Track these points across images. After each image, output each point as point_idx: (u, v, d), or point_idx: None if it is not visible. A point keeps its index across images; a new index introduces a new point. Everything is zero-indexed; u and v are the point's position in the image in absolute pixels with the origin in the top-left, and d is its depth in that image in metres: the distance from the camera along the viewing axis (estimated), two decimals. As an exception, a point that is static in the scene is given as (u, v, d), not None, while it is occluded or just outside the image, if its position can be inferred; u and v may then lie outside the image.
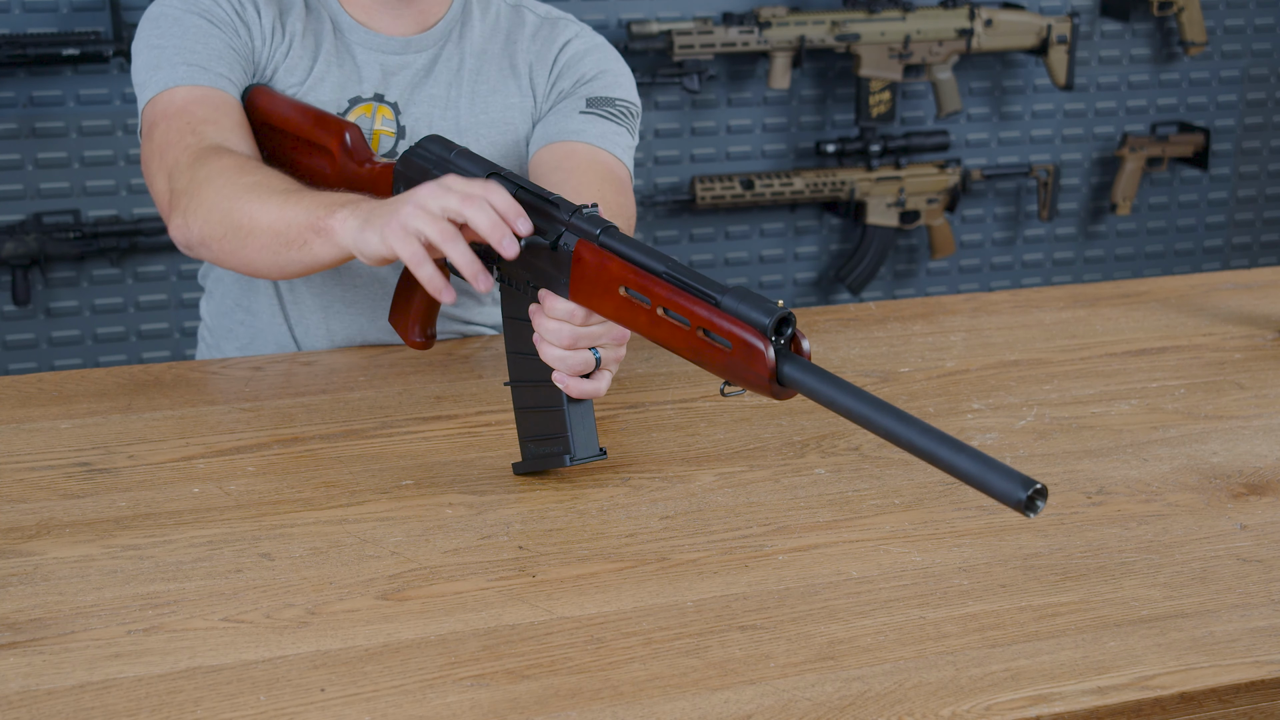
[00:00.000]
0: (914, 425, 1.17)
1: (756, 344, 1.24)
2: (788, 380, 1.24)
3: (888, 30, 3.37)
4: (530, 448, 1.45)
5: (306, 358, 1.77)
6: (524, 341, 1.43)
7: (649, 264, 1.31)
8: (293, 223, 1.47)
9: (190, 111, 1.65)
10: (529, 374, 1.43)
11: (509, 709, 1.09)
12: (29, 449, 1.51)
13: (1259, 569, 1.30)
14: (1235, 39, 3.74)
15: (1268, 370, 1.76)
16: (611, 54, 1.84)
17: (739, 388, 1.28)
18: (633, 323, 1.33)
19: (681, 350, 1.30)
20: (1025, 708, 1.10)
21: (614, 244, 1.34)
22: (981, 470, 1.13)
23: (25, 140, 3.03)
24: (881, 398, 1.19)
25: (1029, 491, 1.10)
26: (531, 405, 1.44)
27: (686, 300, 1.28)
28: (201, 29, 1.70)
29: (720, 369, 1.27)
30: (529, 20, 1.84)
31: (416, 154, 1.51)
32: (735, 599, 1.24)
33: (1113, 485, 1.46)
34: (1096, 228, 3.80)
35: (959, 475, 1.14)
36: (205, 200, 1.55)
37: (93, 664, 1.14)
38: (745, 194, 3.38)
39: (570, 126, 1.76)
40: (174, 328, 3.20)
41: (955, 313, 1.95)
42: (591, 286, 1.35)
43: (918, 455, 1.16)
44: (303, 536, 1.34)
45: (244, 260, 1.54)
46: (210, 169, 1.57)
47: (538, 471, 1.46)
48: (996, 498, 1.12)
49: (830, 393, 1.21)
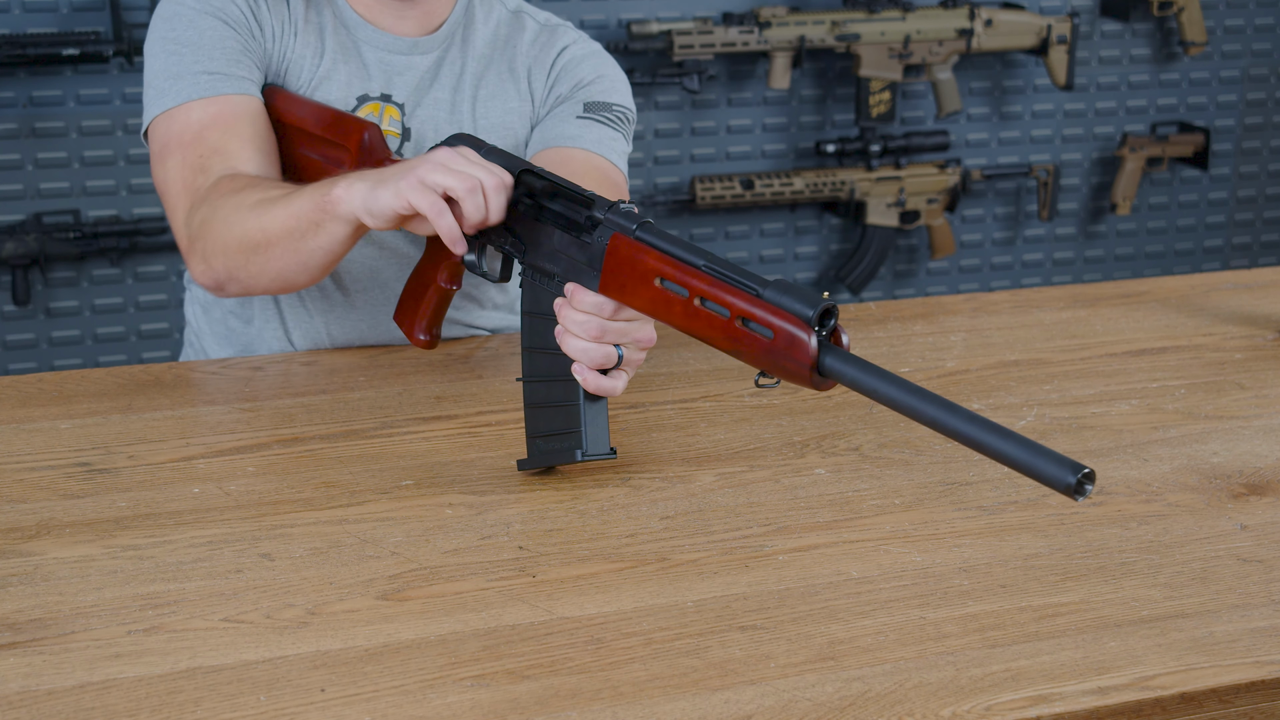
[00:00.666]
0: (959, 413, 1.17)
1: (799, 334, 1.25)
2: (829, 371, 1.25)
3: (888, 30, 3.37)
4: (538, 444, 1.45)
5: (306, 358, 1.77)
6: (541, 337, 1.43)
7: (688, 257, 1.33)
8: (300, 214, 1.50)
9: (203, 140, 1.66)
10: (545, 370, 1.43)
11: (509, 709, 1.09)
12: (29, 449, 1.51)
13: (1259, 569, 1.30)
14: (1235, 39, 3.74)
15: (1268, 370, 1.76)
16: (608, 60, 1.86)
17: (774, 379, 1.29)
18: (667, 314, 1.34)
19: (717, 340, 1.31)
20: (1025, 708, 1.10)
21: (652, 238, 1.35)
22: (1030, 456, 1.14)
23: (25, 140, 3.03)
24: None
25: (1078, 476, 1.11)
26: (543, 402, 1.44)
27: (726, 291, 1.29)
28: (217, 31, 1.70)
29: (758, 358, 1.28)
30: (529, 26, 1.85)
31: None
32: (735, 599, 1.24)
33: (1113, 485, 1.46)
34: (1096, 228, 3.80)
35: (1007, 461, 1.15)
36: (217, 236, 1.58)
37: (93, 664, 1.14)
38: (745, 194, 3.38)
39: (568, 131, 1.77)
40: (174, 328, 3.20)
41: (955, 313, 1.95)
42: (625, 279, 1.36)
43: (964, 443, 1.17)
44: (303, 536, 1.34)
45: (273, 275, 1.57)
46: (214, 207, 1.60)
47: (541, 469, 1.46)
48: (1046, 483, 1.13)
49: (873, 383, 1.22)
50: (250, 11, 1.72)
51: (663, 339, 1.76)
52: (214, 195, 1.61)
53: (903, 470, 1.48)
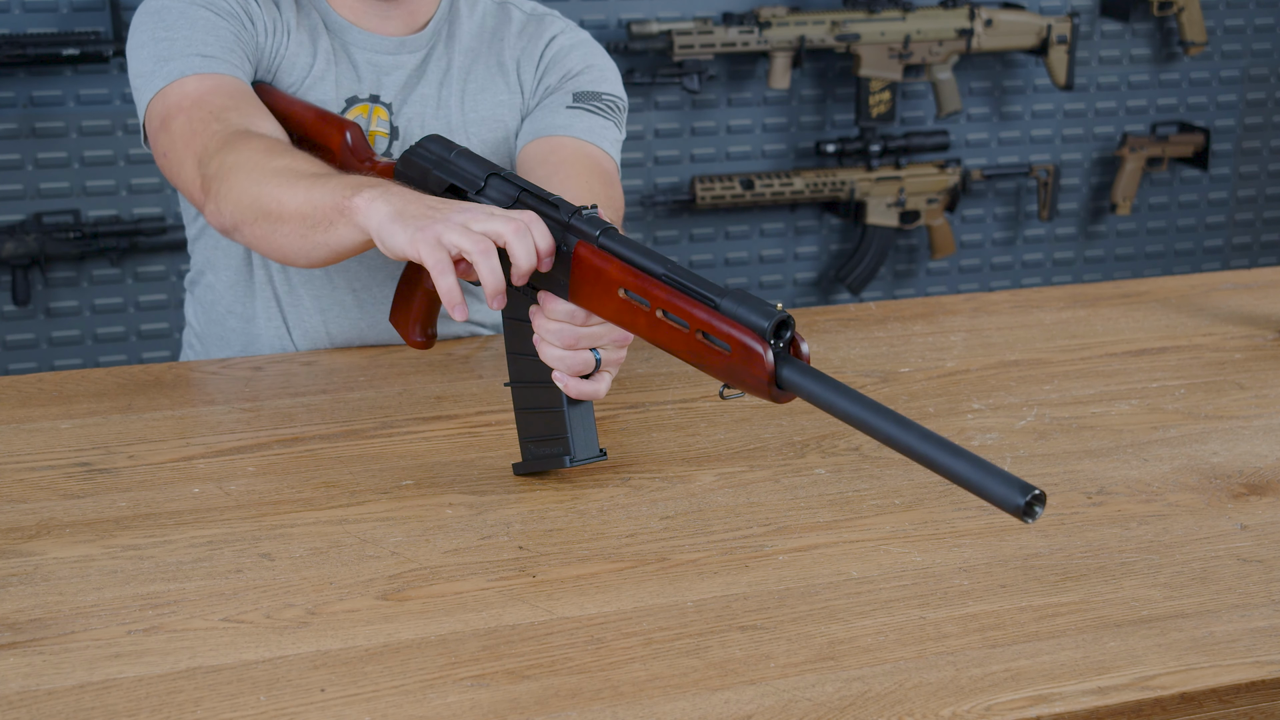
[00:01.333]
0: (912, 430, 1.17)
1: (755, 347, 1.24)
2: (786, 384, 1.24)
3: (888, 30, 3.37)
4: (530, 448, 1.45)
5: (306, 358, 1.77)
6: (523, 342, 1.42)
7: (648, 266, 1.31)
8: (319, 204, 1.43)
9: (208, 101, 1.62)
10: (529, 375, 1.43)
11: (509, 709, 1.09)
12: (29, 449, 1.51)
13: (1259, 569, 1.30)
14: (1235, 39, 3.74)
15: (1268, 370, 1.76)
16: (597, 49, 1.85)
17: (738, 390, 1.28)
18: (633, 325, 1.33)
19: (681, 353, 1.30)
20: (1025, 708, 1.10)
21: (613, 245, 1.33)
22: (979, 475, 1.13)
23: (25, 140, 3.03)
24: (880, 400, 1.20)
25: (1027, 497, 1.10)
26: (531, 406, 1.43)
27: (685, 303, 1.28)
28: (209, 21, 1.67)
29: (719, 372, 1.27)
30: (515, 17, 1.85)
31: (416, 154, 1.50)
32: (735, 599, 1.24)
33: (1113, 485, 1.46)
34: (1096, 228, 3.80)
35: (957, 480, 1.14)
36: (235, 186, 1.52)
37: (93, 664, 1.14)
38: (745, 194, 3.38)
39: (557, 121, 1.77)
40: (174, 328, 3.20)
41: (955, 313, 1.95)
42: (591, 288, 1.34)
43: (915, 459, 1.17)
44: (303, 536, 1.34)
45: (276, 246, 1.50)
46: (239, 155, 1.53)
47: (538, 472, 1.46)
48: (995, 503, 1.12)
49: (828, 396, 1.21)
50: (241, 7, 1.71)
51: (663, 339, 1.76)
52: (237, 142, 1.55)
53: (902, 470, 1.48)
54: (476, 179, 1.44)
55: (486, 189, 1.43)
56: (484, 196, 1.43)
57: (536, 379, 1.42)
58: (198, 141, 1.59)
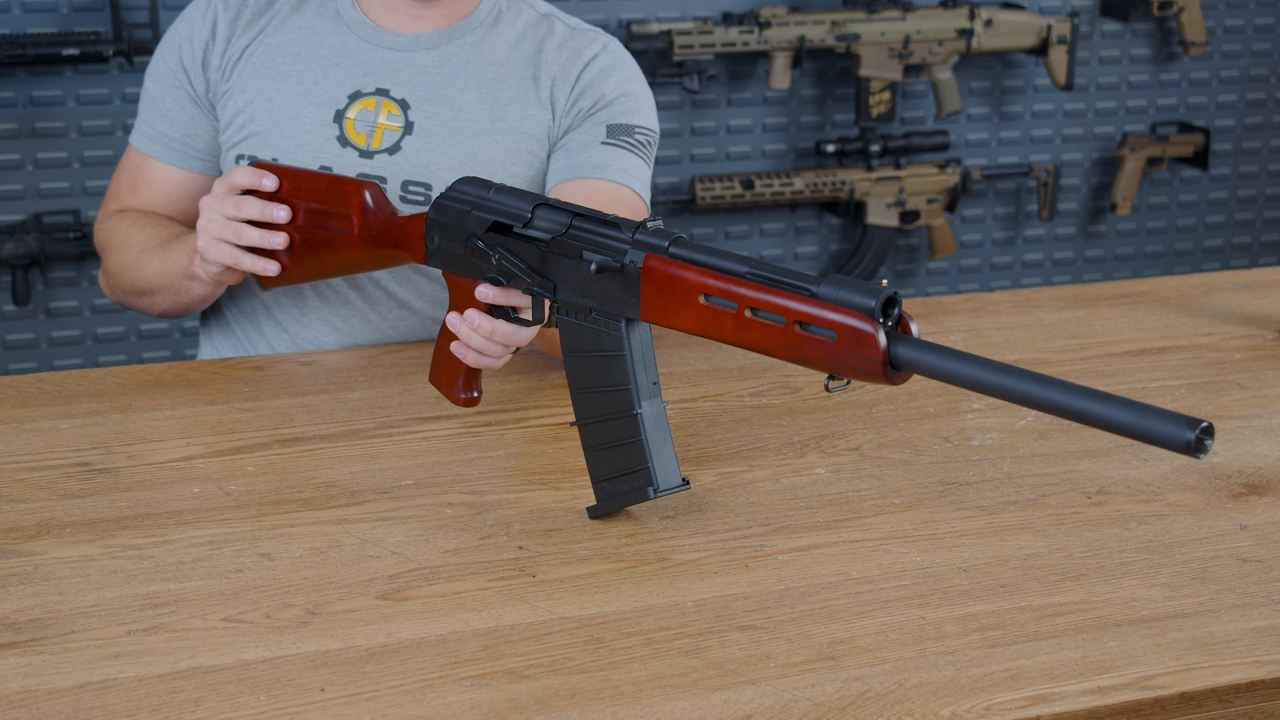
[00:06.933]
0: (1055, 386, 1.10)
1: (865, 328, 1.18)
2: (903, 362, 1.18)
3: (888, 30, 3.37)
4: (605, 487, 1.36)
5: (306, 358, 1.77)
6: (589, 376, 1.35)
7: (729, 267, 1.25)
8: (169, 273, 1.73)
9: (125, 176, 1.86)
10: (597, 411, 1.36)
11: (509, 709, 1.09)
12: (29, 449, 1.51)
13: (1259, 569, 1.30)
14: (1235, 39, 3.74)
15: (1268, 370, 1.76)
16: (634, 73, 1.82)
17: (844, 381, 1.22)
18: (718, 331, 1.26)
19: (777, 350, 1.23)
20: (1025, 708, 1.10)
21: (687, 253, 1.28)
22: (1140, 419, 1.07)
23: (25, 140, 3.03)
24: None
25: (1196, 431, 1.05)
26: (603, 444, 1.36)
27: (777, 296, 1.22)
28: (158, 92, 1.83)
29: (824, 363, 1.21)
30: (558, 30, 1.82)
31: (450, 198, 1.45)
32: (735, 599, 1.24)
33: (1113, 485, 1.46)
34: (1096, 228, 3.80)
35: (1115, 429, 1.08)
36: (110, 269, 1.82)
37: (93, 664, 1.14)
38: (745, 194, 3.38)
39: (593, 160, 1.75)
40: (174, 328, 3.20)
41: (955, 313, 1.95)
42: (667, 301, 1.28)
43: (1066, 416, 1.10)
44: (303, 536, 1.34)
45: (162, 311, 1.79)
46: (111, 240, 1.82)
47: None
48: (1161, 444, 1.06)
49: (954, 367, 1.15)
50: (178, 59, 1.81)
51: (662, 339, 1.76)
52: (115, 224, 1.83)
53: (902, 470, 1.48)
54: (523, 211, 1.39)
55: (534, 220, 1.38)
56: (532, 229, 1.38)
57: (607, 413, 1.35)
58: (101, 211, 1.88)
